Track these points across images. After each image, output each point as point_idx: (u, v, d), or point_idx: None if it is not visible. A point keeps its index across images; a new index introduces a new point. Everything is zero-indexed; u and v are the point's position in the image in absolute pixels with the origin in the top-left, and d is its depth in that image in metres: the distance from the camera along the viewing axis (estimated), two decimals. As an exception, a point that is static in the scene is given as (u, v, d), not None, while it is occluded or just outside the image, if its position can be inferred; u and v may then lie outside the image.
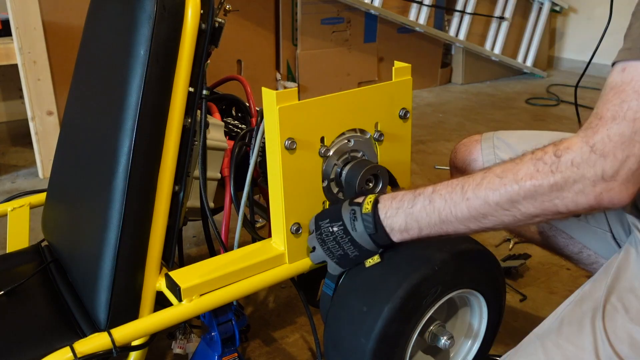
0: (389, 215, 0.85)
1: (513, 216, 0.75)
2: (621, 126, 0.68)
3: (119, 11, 0.99)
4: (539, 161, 0.72)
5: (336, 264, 0.91)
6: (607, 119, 0.69)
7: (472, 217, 0.78)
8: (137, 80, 0.90)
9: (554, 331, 0.87)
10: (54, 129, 2.21)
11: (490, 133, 1.18)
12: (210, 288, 0.91)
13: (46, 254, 1.16)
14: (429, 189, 0.83)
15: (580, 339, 0.84)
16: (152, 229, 0.95)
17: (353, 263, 0.90)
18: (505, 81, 3.72)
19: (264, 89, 0.89)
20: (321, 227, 0.91)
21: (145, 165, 0.92)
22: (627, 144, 0.68)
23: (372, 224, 0.85)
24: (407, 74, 1.01)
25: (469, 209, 0.78)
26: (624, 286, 0.87)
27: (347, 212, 0.88)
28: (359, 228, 0.87)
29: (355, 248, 0.88)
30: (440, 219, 0.81)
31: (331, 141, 0.96)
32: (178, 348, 1.12)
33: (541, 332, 0.89)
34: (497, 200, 0.75)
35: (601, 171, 0.69)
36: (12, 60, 2.13)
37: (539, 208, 0.73)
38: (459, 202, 0.78)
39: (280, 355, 1.27)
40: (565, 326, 0.87)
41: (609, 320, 0.84)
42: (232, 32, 2.85)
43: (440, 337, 0.95)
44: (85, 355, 0.82)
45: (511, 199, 0.74)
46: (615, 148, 0.68)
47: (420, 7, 3.21)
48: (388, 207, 0.86)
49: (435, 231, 0.83)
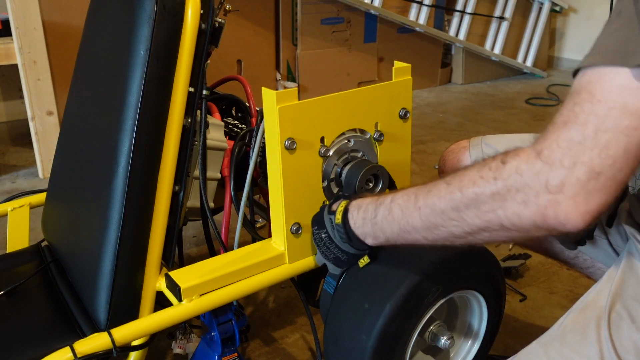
0: (357, 226, 0.85)
1: (461, 227, 0.71)
2: (571, 131, 0.61)
3: (119, 11, 0.99)
4: (484, 167, 0.68)
5: (334, 264, 0.92)
6: (559, 124, 0.63)
7: (425, 227, 0.75)
8: (137, 80, 0.90)
9: (557, 339, 0.86)
10: (54, 129, 2.21)
11: (478, 138, 1.15)
12: (210, 288, 0.91)
13: (46, 254, 1.16)
14: (388, 198, 0.82)
15: (585, 348, 0.83)
16: (152, 229, 0.95)
17: (348, 264, 0.92)
18: (505, 81, 3.72)
19: (264, 89, 0.89)
20: (314, 233, 0.93)
21: (145, 165, 0.92)
22: (576, 150, 0.61)
23: (344, 234, 0.86)
24: (407, 74, 1.01)
25: (421, 219, 0.75)
26: (629, 294, 0.85)
27: (328, 220, 0.90)
28: (336, 236, 0.89)
29: (342, 253, 0.90)
30: (400, 228, 0.79)
31: (331, 141, 0.96)
32: (178, 348, 1.12)
33: (544, 341, 0.88)
34: (443, 208, 0.72)
35: (545, 180, 0.62)
36: (12, 60, 2.13)
37: (483, 219, 0.69)
38: (413, 212, 0.76)
39: (280, 355, 1.27)
40: (568, 334, 0.86)
41: (614, 328, 0.83)
42: (232, 32, 2.85)
43: (440, 337, 0.95)
44: (85, 355, 0.82)
45: (456, 207, 0.70)
46: (562, 155, 0.61)
47: (420, 7, 3.21)
48: (355, 217, 0.86)
49: (401, 241, 0.81)
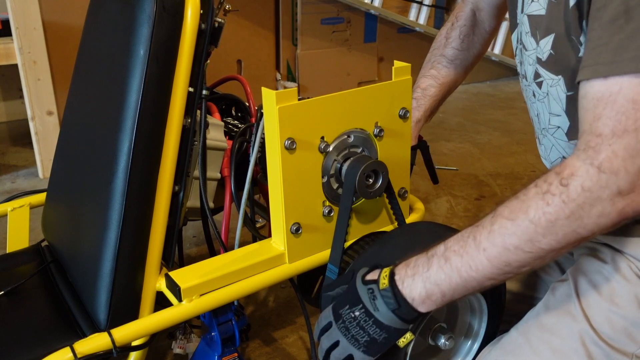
0: (406, 286, 0.78)
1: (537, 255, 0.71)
2: (624, 140, 0.65)
3: (118, 11, 0.99)
4: (547, 194, 0.69)
5: (364, 353, 0.81)
6: (607, 135, 0.66)
7: (495, 267, 0.73)
8: (136, 80, 0.90)
9: (535, 325, 0.88)
10: (54, 129, 2.21)
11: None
12: (210, 288, 0.91)
13: (46, 254, 1.16)
14: (440, 247, 0.78)
15: (563, 329, 0.86)
16: (152, 229, 0.95)
17: (383, 347, 0.81)
18: (505, 81, 3.72)
19: (263, 89, 0.89)
20: (342, 315, 0.82)
21: (145, 165, 0.92)
22: (636, 155, 0.65)
23: (393, 299, 0.78)
24: (407, 73, 1.01)
25: (489, 260, 0.72)
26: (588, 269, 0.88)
27: (365, 292, 0.81)
28: (381, 307, 0.78)
29: (382, 330, 0.79)
30: (461, 277, 0.74)
31: (331, 141, 0.95)
32: (178, 348, 1.12)
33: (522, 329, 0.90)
34: (517, 243, 0.70)
35: (617, 189, 0.66)
36: (12, 60, 2.13)
37: (562, 242, 0.69)
38: (476, 255, 0.73)
39: (280, 355, 1.27)
40: (544, 318, 0.88)
41: (585, 304, 0.87)
42: (232, 32, 2.85)
43: (440, 336, 0.95)
44: (85, 355, 0.82)
45: (530, 239, 0.70)
46: (625, 162, 0.65)
47: (420, 7, 3.21)
48: (404, 276, 0.79)
49: (459, 293, 0.76)
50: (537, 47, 0.87)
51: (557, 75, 0.86)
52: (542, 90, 0.90)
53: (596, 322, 0.84)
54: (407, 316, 0.78)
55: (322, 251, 0.99)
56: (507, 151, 2.62)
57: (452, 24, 1.22)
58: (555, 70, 0.86)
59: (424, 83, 1.19)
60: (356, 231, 1.02)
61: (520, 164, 2.48)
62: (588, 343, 0.84)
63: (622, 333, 0.83)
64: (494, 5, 1.17)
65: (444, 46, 1.21)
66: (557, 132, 0.91)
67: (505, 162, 2.50)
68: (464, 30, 1.20)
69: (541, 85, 0.90)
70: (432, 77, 1.19)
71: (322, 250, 0.99)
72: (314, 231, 0.97)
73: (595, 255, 0.92)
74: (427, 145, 1.20)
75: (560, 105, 0.88)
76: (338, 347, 0.83)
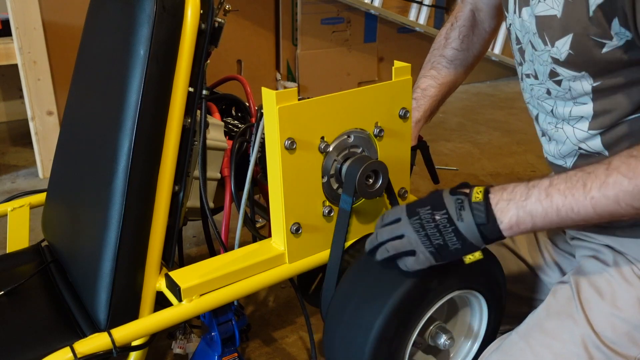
0: (499, 208, 0.78)
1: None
2: None
3: (118, 11, 0.99)
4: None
5: (430, 254, 0.81)
6: None
7: (597, 215, 0.75)
8: (136, 80, 0.90)
9: (536, 329, 0.88)
10: (54, 129, 2.21)
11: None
12: (210, 288, 0.91)
13: (46, 254, 1.16)
14: (544, 181, 0.78)
15: (565, 334, 0.85)
16: (152, 229, 0.95)
17: (451, 257, 0.81)
18: (505, 81, 3.72)
19: (263, 89, 0.89)
20: (419, 214, 0.81)
21: (145, 165, 0.92)
22: None
23: (483, 214, 0.78)
24: (407, 73, 1.01)
25: (594, 208, 0.74)
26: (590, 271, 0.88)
27: (452, 201, 0.81)
28: (466, 218, 0.79)
29: (458, 240, 0.79)
30: (559, 216, 0.76)
31: (331, 141, 0.95)
32: (178, 348, 1.12)
33: (523, 332, 0.90)
34: (629, 201, 0.72)
35: None
36: (12, 60, 2.13)
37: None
38: (582, 200, 0.74)
39: (280, 355, 1.27)
40: (545, 322, 0.88)
41: (587, 308, 0.86)
42: (232, 32, 2.85)
43: (440, 337, 0.95)
44: (85, 355, 0.82)
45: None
46: None
47: (420, 7, 3.21)
48: (499, 198, 0.79)
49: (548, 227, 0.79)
50: (551, 48, 0.86)
51: (579, 72, 0.85)
52: (561, 87, 0.89)
53: (598, 326, 0.84)
54: (489, 234, 0.79)
55: (322, 251, 0.99)
56: (507, 151, 2.62)
57: (452, 24, 1.22)
58: (577, 68, 0.85)
59: (423, 83, 1.19)
60: (356, 231, 1.02)
61: (520, 164, 2.48)
62: (590, 347, 0.83)
63: (625, 337, 0.83)
64: (493, 6, 1.17)
65: (443, 46, 1.21)
66: (580, 123, 0.90)
67: (505, 162, 2.50)
68: (463, 31, 1.20)
69: (560, 83, 0.89)
70: (431, 77, 1.19)
71: (322, 250, 0.99)
72: (314, 231, 0.97)
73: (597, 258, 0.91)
74: (427, 146, 1.20)
75: (587, 96, 0.87)
76: (402, 239, 0.82)
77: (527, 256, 1.12)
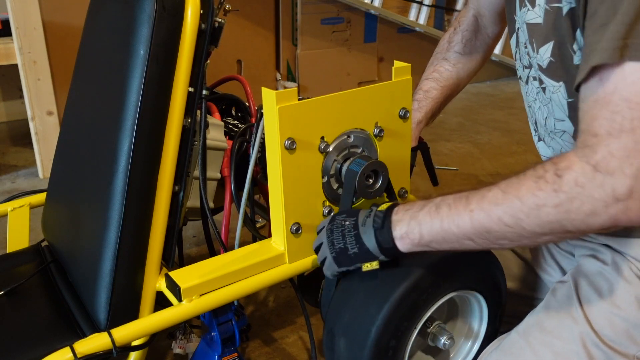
0: (396, 218, 0.83)
1: (517, 233, 0.72)
2: (622, 140, 0.64)
3: (118, 11, 0.99)
4: (540, 179, 0.70)
5: (333, 259, 0.87)
6: (602, 135, 0.65)
7: (474, 230, 0.75)
8: (136, 80, 0.90)
9: (536, 327, 0.89)
10: (54, 129, 2.21)
11: None
12: (210, 288, 0.91)
13: (46, 254, 1.16)
14: (439, 198, 0.81)
15: (564, 332, 0.86)
16: (152, 229, 0.95)
17: (349, 262, 0.86)
18: (505, 81, 3.72)
19: (263, 89, 0.89)
20: (335, 220, 0.89)
21: (145, 165, 0.92)
22: (634, 156, 0.63)
23: (381, 219, 0.83)
24: (407, 73, 1.01)
25: (471, 221, 0.75)
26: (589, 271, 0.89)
27: (366, 210, 0.88)
28: (367, 223, 0.85)
29: (357, 244, 0.85)
30: (442, 227, 0.78)
31: (331, 141, 0.95)
32: (178, 348, 1.12)
33: (523, 330, 0.90)
34: (500, 215, 0.72)
35: (611, 190, 0.64)
36: (12, 60, 2.13)
37: (545, 228, 0.70)
38: (463, 213, 0.76)
39: (280, 355, 1.28)
40: (545, 320, 0.88)
41: (586, 306, 0.87)
42: (232, 32, 2.85)
43: (440, 337, 0.95)
44: (85, 355, 0.82)
45: (514, 215, 0.71)
46: (621, 163, 0.64)
47: (420, 7, 3.21)
48: (400, 209, 0.84)
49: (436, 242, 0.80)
50: (537, 55, 0.88)
51: (557, 82, 0.87)
52: (546, 96, 0.91)
53: (597, 324, 0.84)
54: (383, 242, 0.83)
55: (322, 251, 0.99)
56: (507, 151, 2.62)
57: (455, 28, 1.23)
58: (556, 77, 0.86)
59: (426, 85, 1.20)
60: (356, 231, 1.02)
61: (520, 164, 2.48)
62: (589, 345, 0.83)
63: (624, 335, 0.83)
64: (495, 12, 1.18)
65: (446, 50, 1.22)
66: (564, 136, 0.92)
67: (505, 162, 2.50)
68: (466, 35, 1.21)
69: (545, 90, 0.91)
70: (434, 79, 1.20)
71: (322, 250, 0.99)
72: (314, 231, 0.97)
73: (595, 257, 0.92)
74: (427, 147, 1.20)
75: (563, 112, 0.88)
76: (321, 248, 0.90)
77: (528, 255, 1.12)
